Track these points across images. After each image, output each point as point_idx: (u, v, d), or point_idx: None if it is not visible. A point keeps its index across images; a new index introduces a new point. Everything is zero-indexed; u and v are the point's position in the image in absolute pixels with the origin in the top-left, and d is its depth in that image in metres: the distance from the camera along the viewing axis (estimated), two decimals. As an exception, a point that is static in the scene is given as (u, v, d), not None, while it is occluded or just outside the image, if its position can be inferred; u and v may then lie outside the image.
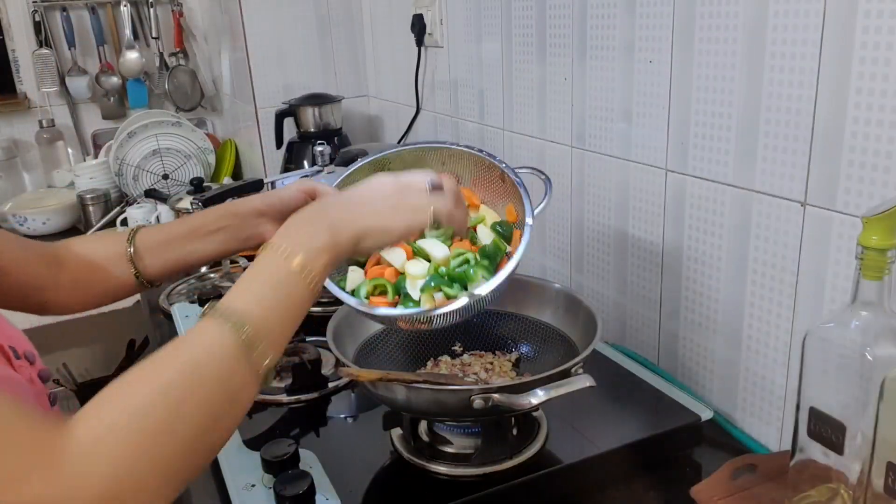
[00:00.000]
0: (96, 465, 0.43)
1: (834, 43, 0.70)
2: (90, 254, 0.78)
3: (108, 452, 0.44)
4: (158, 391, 0.47)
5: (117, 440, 0.44)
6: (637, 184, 1.00)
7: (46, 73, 2.17)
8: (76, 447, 0.43)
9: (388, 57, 1.78)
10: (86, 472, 0.42)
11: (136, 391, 0.47)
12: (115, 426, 0.45)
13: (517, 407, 0.69)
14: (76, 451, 0.43)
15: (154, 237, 0.78)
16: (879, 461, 0.54)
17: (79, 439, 0.43)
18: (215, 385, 0.50)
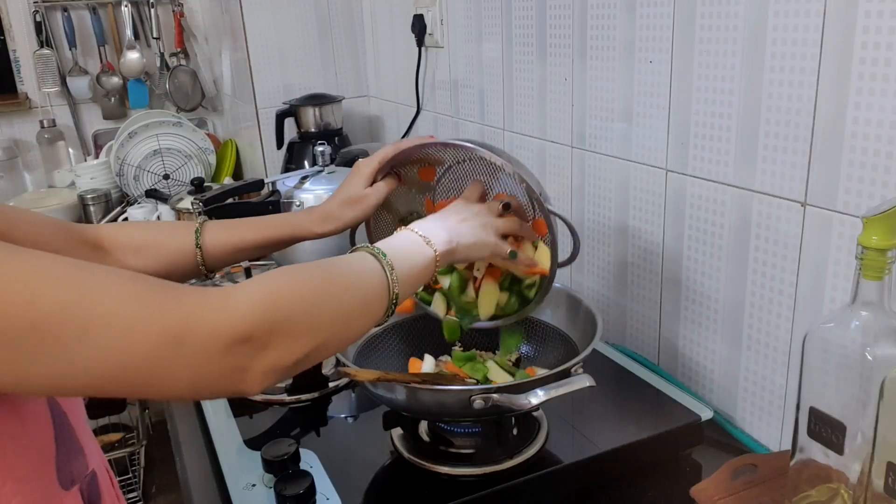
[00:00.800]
0: (257, 302, 0.50)
1: (834, 43, 0.70)
2: (151, 240, 0.79)
3: (265, 295, 0.51)
4: (319, 270, 0.58)
5: (272, 289, 0.52)
6: (637, 184, 1.00)
7: (47, 73, 2.18)
8: (238, 292, 0.51)
9: (388, 57, 1.78)
10: (249, 307, 0.50)
11: (294, 269, 0.57)
12: (271, 284, 0.53)
13: (517, 407, 0.69)
14: (238, 293, 0.51)
15: (224, 239, 0.80)
16: (879, 461, 0.54)
17: (239, 288, 0.52)
18: (361, 286, 0.61)
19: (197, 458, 0.88)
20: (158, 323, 0.46)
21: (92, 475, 0.59)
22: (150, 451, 2.21)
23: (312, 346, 0.54)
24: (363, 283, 0.61)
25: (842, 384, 0.58)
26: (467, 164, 0.86)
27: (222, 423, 0.91)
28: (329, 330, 0.56)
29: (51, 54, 2.17)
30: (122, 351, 0.45)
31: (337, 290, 0.58)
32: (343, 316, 0.58)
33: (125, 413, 2.22)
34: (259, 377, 0.50)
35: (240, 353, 0.49)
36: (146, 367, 0.46)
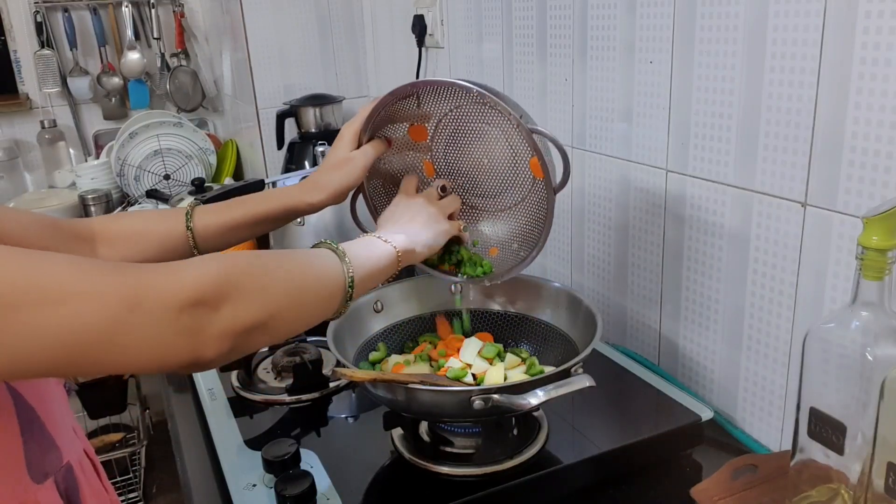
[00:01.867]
0: (209, 266, 0.52)
1: (834, 43, 0.70)
2: (141, 227, 0.78)
3: (216, 262, 0.53)
4: (273, 252, 0.61)
5: (223, 258, 0.55)
6: (638, 184, 1.00)
7: (48, 73, 2.18)
8: (189, 260, 0.53)
9: (388, 57, 1.78)
10: (201, 270, 0.52)
11: (257, 251, 0.60)
12: (231, 255, 0.56)
13: (517, 407, 0.69)
14: (190, 261, 0.53)
15: (215, 220, 0.79)
16: (880, 461, 0.54)
17: (201, 258, 0.54)
18: (314, 266, 0.62)
19: (197, 458, 0.88)
20: (114, 291, 0.47)
21: (67, 467, 0.60)
22: (150, 451, 2.21)
23: (265, 314, 0.54)
24: (316, 265, 0.63)
25: (842, 384, 0.58)
26: (454, 112, 0.83)
27: (223, 423, 0.91)
28: (282, 300, 0.57)
29: (51, 55, 2.17)
30: (80, 321, 0.46)
31: (289, 267, 0.60)
32: (296, 289, 0.59)
33: (126, 413, 2.22)
34: (214, 341, 0.51)
35: (193, 314, 0.50)
36: (105, 335, 0.47)
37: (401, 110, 0.84)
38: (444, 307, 0.99)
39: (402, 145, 0.87)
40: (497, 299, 0.99)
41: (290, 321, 0.59)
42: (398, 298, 0.97)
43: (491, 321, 0.98)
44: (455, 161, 0.87)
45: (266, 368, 1.04)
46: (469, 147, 0.85)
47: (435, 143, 0.87)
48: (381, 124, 0.84)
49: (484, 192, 0.87)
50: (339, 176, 0.80)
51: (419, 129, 0.86)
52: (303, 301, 0.60)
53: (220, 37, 2.13)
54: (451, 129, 0.85)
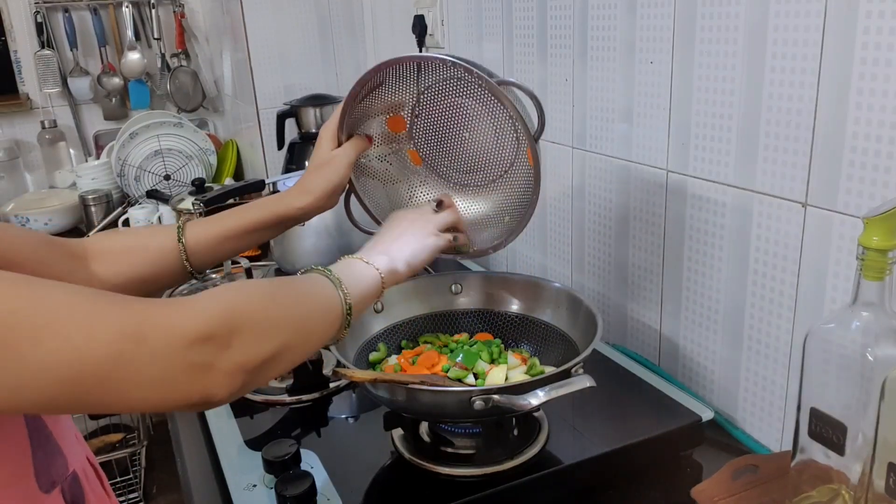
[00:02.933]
0: (216, 302, 0.52)
1: (835, 43, 0.70)
2: (133, 244, 0.78)
3: (225, 296, 0.53)
4: (270, 281, 0.61)
5: (232, 292, 0.54)
6: (638, 184, 1.00)
7: (48, 73, 2.18)
8: (196, 297, 0.52)
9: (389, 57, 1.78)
10: (208, 305, 0.51)
11: (254, 280, 0.58)
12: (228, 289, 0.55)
13: (517, 408, 0.69)
14: (196, 297, 0.52)
15: (206, 232, 0.79)
16: (880, 462, 0.54)
17: (205, 293, 0.53)
18: (314, 293, 0.62)
19: (198, 458, 0.88)
20: (117, 322, 0.46)
21: (73, 476, 0.59)
22: (150, 451, 2.21)
23: (276, 347, 0.53)
24: (315, 291, 0.62)
25: (842, 385, 0.58)
26: (425, 94, 0.83)
27: (223, 423, 0.91)
28: (291, 330, 0.56)
29: (52, 55, 2.17)
30: (80, 352, 0.44)
31: (291, 294, 0.60)
32: (302, 320, 0.59)
33: (126, 413, 2.22)
34: (225, 378, 0.50)
35: (202, 350, 0.48)
36: (106, 370, 0.45)
37: (373, 104, 0.84)
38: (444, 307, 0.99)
39: (383, 139, 0.87)
40: (498, 300, 0.99)
41: (298, 352, 0.58)
42: (398, 298, 0.97)
43: (491, 321, 0.98)
44: (438, 143, 0.87)
45: (266, 369, 1.04)
46: (448, 126, 0.85)
47: (415, 131, 0.87)
48: (357, 122, 0.84)
49: (472, 168, 0.87)
50: (323, 177, 0.81)
51: (397, 120, 0.86)
52: (309, 330, 0.60)
53: (220, 37, 2.13)
54: (427, 113, 0.85)
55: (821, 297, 0.76)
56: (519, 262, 1.35)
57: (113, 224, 1.93)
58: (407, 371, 0.87)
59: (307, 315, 0.60)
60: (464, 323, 0.99)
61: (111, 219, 1.96)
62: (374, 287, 0.70)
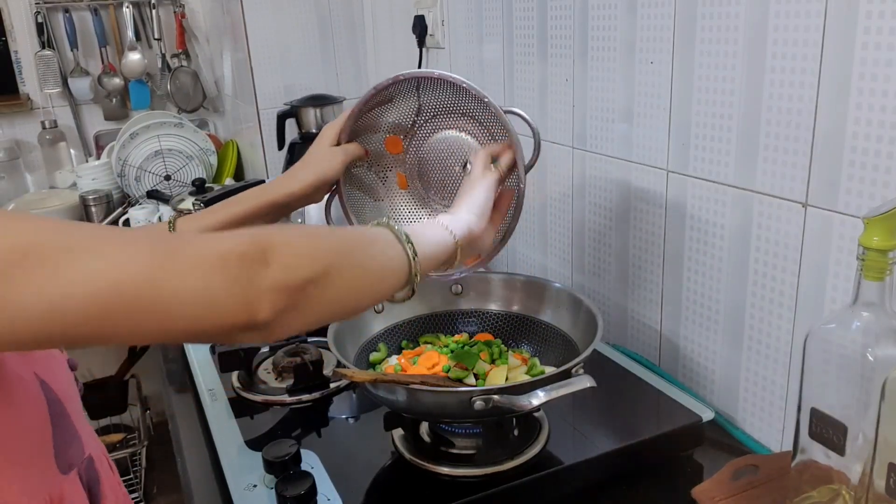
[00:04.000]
0: (257, 233, 0.50)
1: (835, 44, 0.70)
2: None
3: (269, 232, 0.51)
4: (329, 228, 0.58)
5: (269, 228, 0.52)
6: (638, 184, 1.00)
7: (49, 74, 2.18)
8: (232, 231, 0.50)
9: (389, 58, 1.78)
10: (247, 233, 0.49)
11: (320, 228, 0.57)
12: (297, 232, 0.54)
13: (518, 408, 0.69)
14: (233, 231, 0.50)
15: (198, 226, 0.78)
16: (881, 462, 0.54)
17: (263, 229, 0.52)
18: (368, 236, 0.60)
19: (198, 458, 0.88)
20: (147, 242, 0.46)
21: (89, 460, 0.60)
22: (151, 451, 2.21)
23: (319, 269, 0.51)
24: (370, 235, 0.60)
25: (843, 385, 0.58)
26: (427, 122, 0.85)
27: (223, 423, 0.91)
28: (334, 256, 0.54)
29: (52, 55, 2.17)
30: (115, 266, 0.43)
31: (337, 231, 0.59)
32: (347, 247, 0.57)
33: (126, 414, 2.22)
34: (267, 295, 0.47)
35: (241, 264, 0.47)
36: (143, 279, 0.44)
37: (378, 119, 0.86)
38: (444, 307, 0.99)
39: (377, 156, 0.88)
40: (498, 300, 0.99)
41: (349, 279, 0.55)
42: (399, 299, 0.97)
43: (491, 321, 0.98)
44: (428, 172, 0.88)
45: (267, 369, 1.04)
46: (442, 158, 0.86)
47: (409, 157, 0.88)
48: (360, 130, 0.85)
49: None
50: (316, 169, 0.82)
51: (395, 141, 0.88)
52: (359, 262, 0.57)
53: (220, 37, 2.13)
54: (423, 141, 0.86)
55: (821, 297, 0.76)
56: (519, 263, 1.35)
57: (113, 224, 1.93)
58: (407, 371, 0.87)
59: (361, 249, 0.58)
60: (464, 323, 0.99)
61: (111, 219, 1.96)
62: (446, 255, 0.67)
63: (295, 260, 0.50)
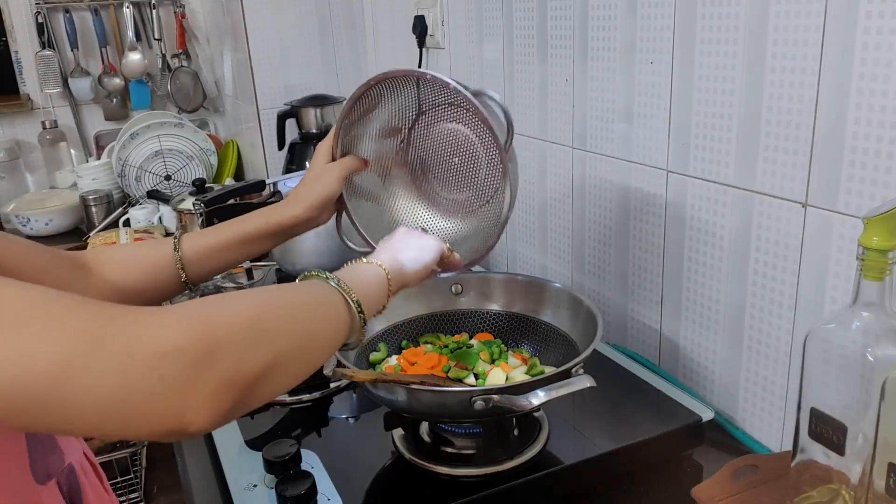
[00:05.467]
0: (191, 314, 0.45)
1: (835, 44, 0.70)
2: (131, 254, 0.78)
3: (203, 308, 0.47)
4: (266, 297, 0.53)
5: (213, 303, 0.49)
6: (638, 185, 1.00)
7: (49, 74, 2.18)
8: (170, 307, 0.45)
9: (389, 58, 1.78)
10: (181, 317, 0.44)
11: (246, 293, 0.52)
12: (210, 300, 0.49)
13: (518, 408, 0.69)
14: (170, 308, 0.45)
15: (203, 244, 0.79)
16: (881, 462, 0.54)
17: (182, 304, 0.46)
18: (311, 295, 0.57)
19: (198, 458, 0.88)
20: (74, 322, 0.41)
21: (70, 469, 0.60)
22: (151, 451, 2.21)
23: (270, 358, 0.47)
24: (312, 293, 0.58)
25: (843, 385, 0.58)
26: (420, 120, 0.84)
27: (223, 423, 0.91)
28: (286, 338, 0.50)
29: (52, 55, 2.18)
30: (26, 357, 0.39)
31: (283, 299, 0.54)
32: (299, 323, 0.53)
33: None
34: (208, 398, 0.42)
35: (175, 363, 0.41)
36: (55, 372, 0.39)
37: (367, 126, 0.85)
38: (444, 307, 0.99)
39: (377, 161, 0.87)
40: (498, 300, 0.99)
41: (302, 362, 0.53)
42: (398, 299, 0.97)
43: (491, 321, 0.98)
44: (430, 169, 0.87)
45: (267, 369, 1.04)
46: (440, 151, 0.85)
47: (409, 156, 0.87)
48: (352, 140, 0.85)
49: (461, 188, 0.86)
50: (315, 187, 0.82)
51: (392, 129, 0.87)
52: (311, 336, 0.54)
53: (221, 37, 2.13)
54: (419, 137, 0.86)
55: (821, 297, 0.76)
56: (519, 263, 1.35)
57: (113, 224, 1.94)
58: (407, 371, 0.87)
59: (305, 319, 0.55)
60: (464, 323, 0.99)
61: (112, 219, 1.96)
62: (379, 284, 0.67)
63: (244, 353, 0.45)
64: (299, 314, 0.54)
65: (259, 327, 0.48)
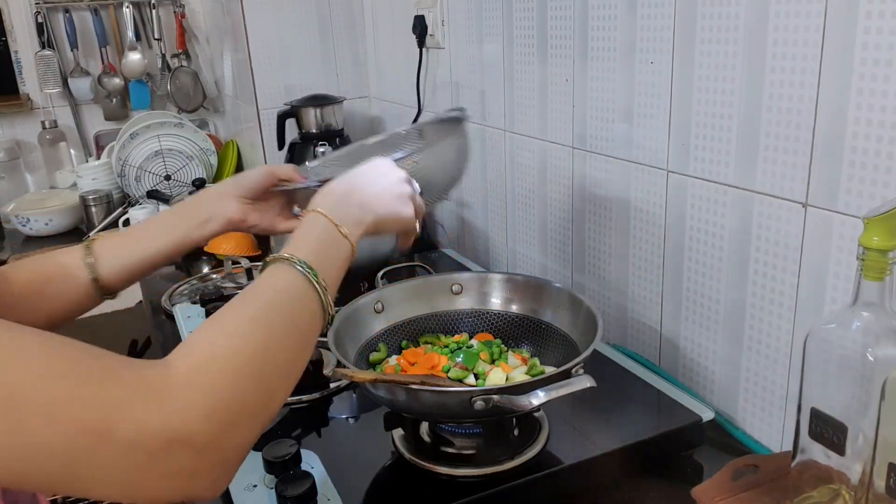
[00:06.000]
0: (198, 393, 0.44)
1: (835, 44, 0.70)
2: (39, 268, 0.73)
3: (208, 380, 0.45)
4: (249, 323, 0.51)
5: (217, 367, 0.46)
6: (638, 185, 1.00)
7: (49, 74, 2.18)
8: (176, 377, 0.44)
9: (389, 58, 1.78)
10: (188, 400, 0.43)
11: (229, 324, 0.50)
12: (213, 356, 0.46)
13: (518, 408, 0.69)
14: (176, 381, 0.44)
15: (111, 239, 0.76)
16: (881, 462, 0.54)
17: (178, 371, 0.44)
18: (297, 318, 0.55)
19: (198, 458, 0.88)
20: (84, 410, 0.40)
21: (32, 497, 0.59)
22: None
23: (268, 417, 0.48)
24: (303, 317, 0.56)
25: (843, 385, 0.58)
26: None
27: (223, 423, 0.91)
28: (284, 389, 0.51)
29: (52, 55, 2.18)
30: (40, 440, 0.39)
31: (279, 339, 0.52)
32: (290, 366, 0.53)
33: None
34: (214, 480, 0.44)
35: (185, 453, 0.42)
36: (66, 462, 0.39)
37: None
38: (444, 307, 0.99)
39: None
40: (498, 300, 0.99)
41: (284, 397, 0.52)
42: (398, 298, 0.98)
43: (491, 321, 0.98)
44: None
45: (267, 369, 1.04)
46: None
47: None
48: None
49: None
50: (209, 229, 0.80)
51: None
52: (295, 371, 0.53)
53: (220, 37, 2.13)
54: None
55: (821, 297, 0.76)
56: (519, 263, 1.35)
57: (113, 224, 1.94)
58: (407, 371, 0.87)
59: (296, 356, 0.53)
60: (464, 323, 0.99)
61: (112, 219, 1.96)
62: (346, 262, 0.63)
63: (251, 424, 0.46)
64: (291, 349, 0.53)
65: (265, 388, 0.48)
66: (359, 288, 1.27)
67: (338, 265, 0.62)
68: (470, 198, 1.49)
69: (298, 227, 0.63)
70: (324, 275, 0.58)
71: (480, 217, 1.46)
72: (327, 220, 0.63)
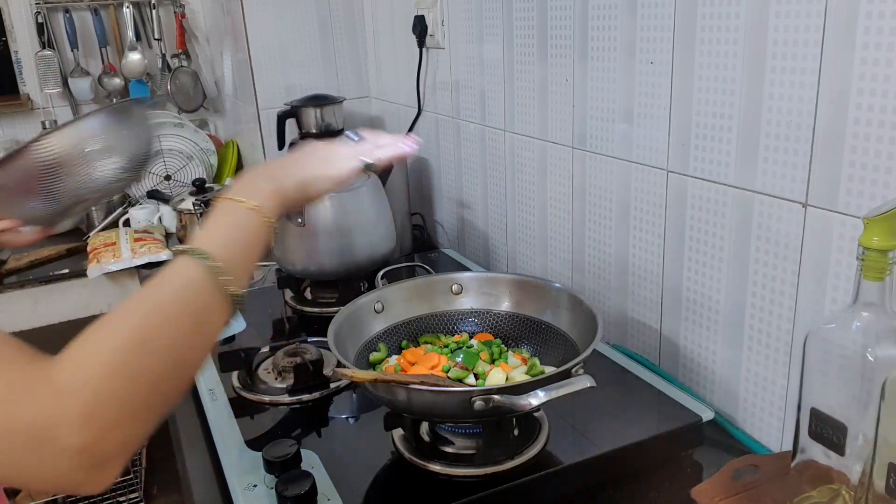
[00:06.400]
0: (81, 390, 0.45)
1: (835, 44, 0.70)
2: None
3: (92, 378, 0.46)
4: (138, 323, 0.51)
5: (101, 367, 0.47)
6: (638, 185, 1.00)
7: (49, 74, 2.18)
8: (62, 375, 0.46)
9: (389, 58, 1.78)
10: (72, 396, 0.45)
11: (117, 325, 0.51)
12: (99, 355, 0.48)
13: (518, 408, 0.69)
14: (63, 378, 0.46)
15: None
16: (881, 462, 0.54)
17: (64, 369, 0.46)
18: (190, 313, 0.54)
19: (198, 458, 0.88)
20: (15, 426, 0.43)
21: None
22: (151, 451, 2.21)
23: (155, 410, 0.49)
24: (193, 305, 0.54)
25: (843, 385, 0.58)
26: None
27: (224, 423, 0.91)
28: (167, 378, 0.51)
29: (52, 55, 2.17)
30: None
31: (168, 336, 0.52)
32: (179, 358, 0.52)
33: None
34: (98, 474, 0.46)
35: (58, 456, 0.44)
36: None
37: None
38: (444, 307, 0.99)
39: None
40: (497, 300, 0.99)
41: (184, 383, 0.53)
42: (398, 298, 0.98)
43: (491, 321, 0.98)
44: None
45: (267, 369, 1.04)
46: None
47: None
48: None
49: None
50: None
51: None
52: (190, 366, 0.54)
53: (221, 37, 2.13)
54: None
55: (821, 297, 0.76)
56: (519, 263, 1.35)
57: (113, 224, 1.93)
58: (407, 371, 0.87)
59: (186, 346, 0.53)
60: (464, 323, 0.99)
61: (112, 219, 1.96)
62: (259, 238, 0.62)
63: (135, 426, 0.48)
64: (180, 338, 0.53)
65: (149, 384, 0.49)
66: (359, 288, 1.27)
67: (246, 239, 0.61)
68: (470, 198, 1.49)
69: (209, 212, 0.63)
70: (227, 254, 0.57)
71: (480, 217, 1.46)
72: (229, 200, 0.62)
